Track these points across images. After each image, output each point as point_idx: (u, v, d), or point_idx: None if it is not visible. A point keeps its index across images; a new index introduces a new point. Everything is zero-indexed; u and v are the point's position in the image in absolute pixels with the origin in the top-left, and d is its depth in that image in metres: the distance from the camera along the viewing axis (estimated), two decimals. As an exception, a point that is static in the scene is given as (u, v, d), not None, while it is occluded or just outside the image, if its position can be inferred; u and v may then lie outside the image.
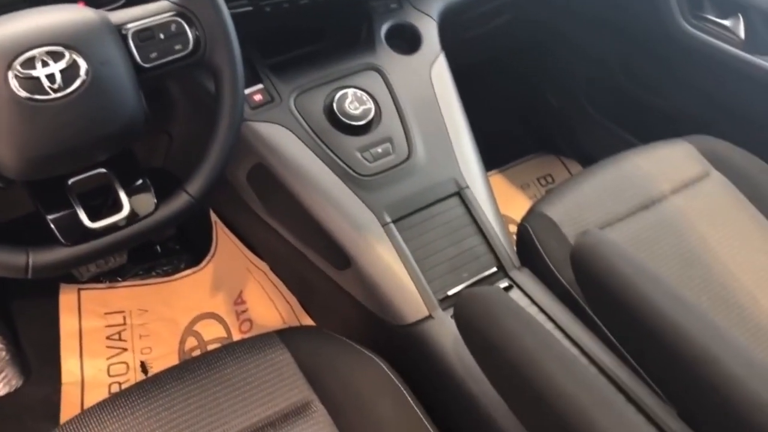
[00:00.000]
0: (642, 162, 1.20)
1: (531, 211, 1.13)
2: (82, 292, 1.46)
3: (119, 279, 1.51)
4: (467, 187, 1.04)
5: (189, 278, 1.52)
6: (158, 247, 1.58)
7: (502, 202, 1.10)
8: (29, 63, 0.67)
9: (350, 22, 1.14)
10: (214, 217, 1.53)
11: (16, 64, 0.67)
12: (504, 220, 1.08)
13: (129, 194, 0.78)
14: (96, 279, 1.49)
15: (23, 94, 0.67)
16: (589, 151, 1.76)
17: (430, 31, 1.16)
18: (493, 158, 1.80)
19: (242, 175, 1.08)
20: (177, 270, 1.54)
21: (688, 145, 1.23)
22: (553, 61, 1.79)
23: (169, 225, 0.79)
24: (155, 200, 0.79)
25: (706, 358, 0.74)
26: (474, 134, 1.11)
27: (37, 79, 0.68)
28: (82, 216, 0.75)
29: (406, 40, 1.14)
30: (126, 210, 0.76)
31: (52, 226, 0.75)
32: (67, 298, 1.45)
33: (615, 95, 1.68)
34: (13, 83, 0.67)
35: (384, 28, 1.14)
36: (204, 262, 1.53)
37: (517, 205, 1.17)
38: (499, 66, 1.87)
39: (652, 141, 1.24)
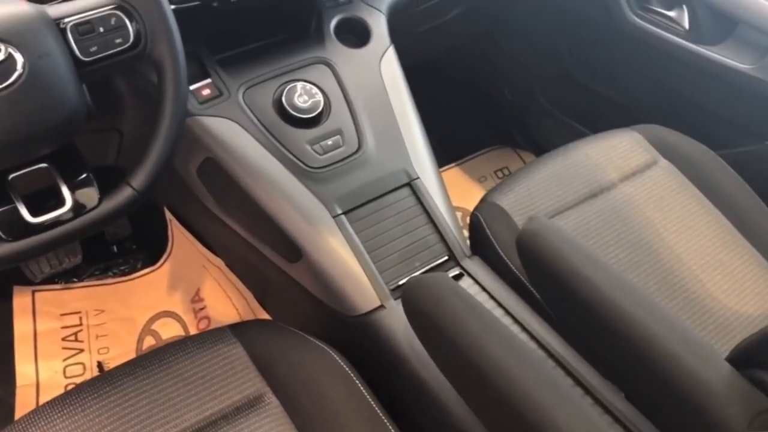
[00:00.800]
0: (591, 151, 1.22)
1: (483, 201, 1.15)
2: (37, 294, 1.44)
3: (75, 280, 1.49)
4: (418, 177, 1.06)
5: (146, 277, 1.51)
6: (114, 247, 1.56)
7: (459, 194, 1.12)
8: None
9: (299, 16, 1.15)
10: (168, 215, 1.52)
11: None
12: (458, 211, 1.09)
13: (72, 189, 0.77)
14: (51, 280, 1.47)
15: None
16: (544, 143, 1.79)
17: (379, 25, 1.17)
18: (450, 151, 1.82)
19: (193, 170, 1.08)
20: (134, 269, 1.53)
21: (636, 134, 1.25)
22: (506, 54, 1.81)
23: (112, 219, 0.79)
24: (99, 195, 0.78)
25: (646, 337, 0.76)
26: (430, 128, 1.12)
27: None
28: (23, 211, 0.74)
29: (356, 34, 1.15)
30: (68, 204, 0.76)
31: None
32: (20, 300, 1.43)
33: (567, 87, 1.70)
34: None
35: (333, 22, 1.14)
36: (161, 261, 1.52)
37: (474, 198, 1.18)
38: (454, 60, 1.88)
39: (603, 130, 1.27)
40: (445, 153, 1.12)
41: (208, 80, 1.03)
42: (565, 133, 1.68)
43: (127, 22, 0.77)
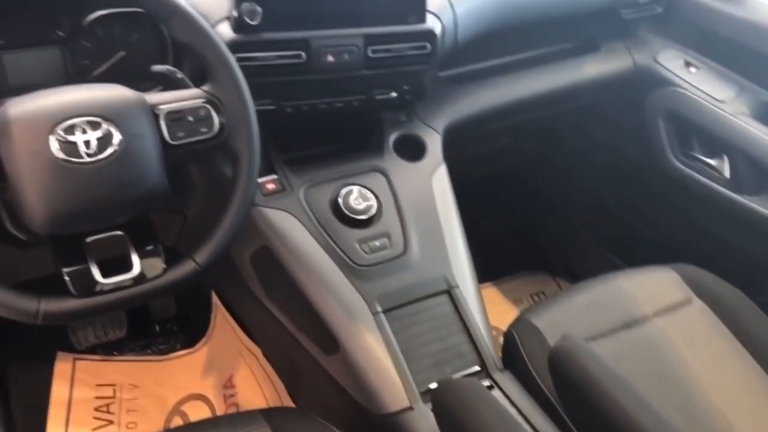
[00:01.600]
0: (627, 284, 1.26)
1: (518, 319, 1.18)
2: (78, 362, 1.49)
3: (115, 353, 1.54)
4: (457, 286, 1.10)
5: (183, 358, 1.55)
6: (157, 326, 1.62)
7: (494, 313, 1.16)
8: (70, 129, 0.76)
9: (362, 128, 1.25)
10: (215, 299, 1.58)
11: (59, 129, 0.76)
12: (492, 326, 1.13)
13: (141, 256, 0.84)
14: (93, 350, 1.53)
15: (61, 156, 0.75)
16: (580, 271, 1.83)
17: (434, 143, 1.26)
18: (487, 270, 1.87)
19: (247, 256, 1.15)
20: (172, 349, 1.58)
21: (672, 272, 1.29)
22: (550, 183, 1.89)
23: (174, 288, 0.85)
24: (164, 265, 0.85)
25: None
26: (469, 244, 1.18)
27: (75, 144, 0.76)
28: (95, 272, 0.81)
29: (412, 149, 1.24)
30: (136, 271, 0.83)
31: (66, 278, 0.81)
32: (62, 366, 1.48)
33: (607, 221, 1.76)
34: (54, 145, 0.75)
35: (392, 137, 1.24)
36: (199, 344, 1.57)
37: (508, 318, 1.22)
38: (499, 183, 1.97)
39: (640, 265, 1.31)
40: (482, 270, 1.17)
41: (274, 176, 1.12)
42: (601, 264, 1.72)
43: (214, 114, 0.86)
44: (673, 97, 1.53)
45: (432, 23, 1.13)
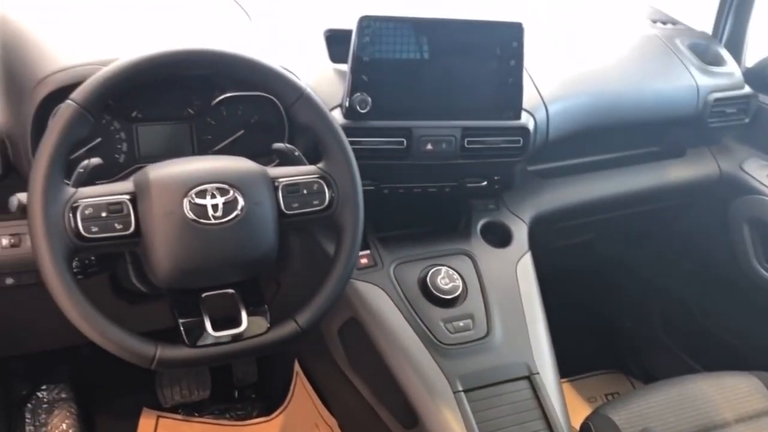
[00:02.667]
0: (708, 387, 1.25)
1: (595, 412, 1.19)
2: (161, 419, 1.56)
3: (195, 414, 1.60)
4: (537, 373, 1.12)
5: (259, 426, 1.60)
6: (236, 392, 1.68)
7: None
8: (202, 193, 0.86)
9: (452, 212, 1.31)
10: (297, 367, 1.63)
11: (192, 193, 0.85)
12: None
13: (249, 314, 0.91)
14: (175, 410, 1.59)
15: (191, 216, 0.85)
16: (656, 373, 1.80)
17: (520, 232, 1.31)
18: (562, 366, 1.86)
19: (335, 326, 1.21)
20: (249, 416, 1.63)
21: (755, 378, 1.27)
22: (630, 282, 1.89)
23: (276, 347, 0.91)
24: (268, 324, 0.92)
25: None
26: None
27: (205, 206, 0.85)
28: (208, 325, 0.88)
29: (499, 236, 1.29)
30: (243, 327, 0.90)
31: (182, 328, 0.88)
32: (146, 421, 1.55)
33: (688, 325, 1.75)
34: (186, 207, 0.85)
35: (480, 223, 1.29)
36: (276, 413, 1.61)
37: (581, 416, 1.23)
38: (580, 278, 1.98)
39: (716, 370, 1.30)
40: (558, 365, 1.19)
41: (368, 251, 1.19)
42: (679, 367, 1.70)
43: (326, 189, 0.95)
44: (759, 205, 1.55)
45: (526, 120, 1.21)
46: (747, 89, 1.57)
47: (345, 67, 1.12)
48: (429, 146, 1.15)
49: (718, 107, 1.51)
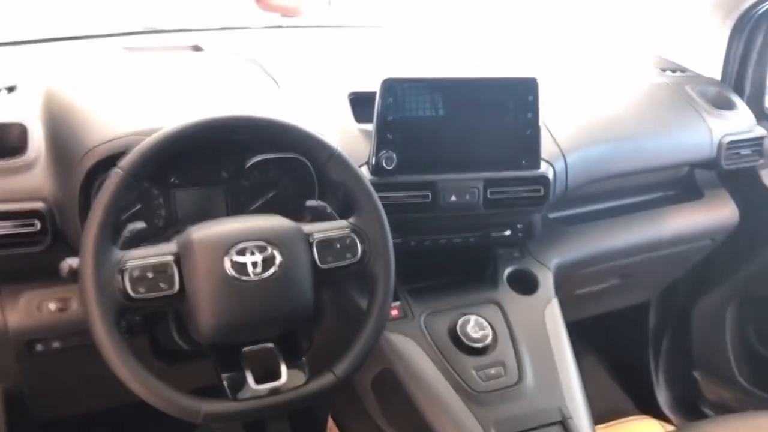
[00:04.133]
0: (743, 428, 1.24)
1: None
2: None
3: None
4: (571, 418, 1.14)
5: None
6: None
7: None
8: (242, 251, 0.90)
9: (479, 262, 1.34)
10: (330, 423, 1.64)
11: (233, 251, 0.90)
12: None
13: (288, 367, 0.94)
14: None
15: (232, 273, 0.89)
16: (692, 416, 1.79)
17: (546, 278, 1.34)
18: (592, 412, 1.86)
19: (368, 379, 1.23)
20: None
21: None
22: (658, 325, 1.90)
23: (315, 398, 0.94)
24: (307, 376, 0.95)
25: None
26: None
27: (245, 264, 0.89)
28: (250, 378, 0.92)
29: (525, 283, 1.32)
30: (283, 380, 0.93)
31: (225, 383, 0.92)
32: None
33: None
34: (227, 264, 0.89)
35: (506, 272, 1.32)
36: (310, 470, 1.62)
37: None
38: (609, 321, 1.99)
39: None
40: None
41: (398, 303, 1.22)
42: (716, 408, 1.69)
43: (358, 242, 0.99)
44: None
45: (545, 169, 1.25)
46: (760, 131, 1.61)
47: (370, 127, 1.17)
48: (453, 198, 1.19)
49: (733, 149, 1.54)
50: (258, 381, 0.92)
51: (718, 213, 1.65)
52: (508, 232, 1.31)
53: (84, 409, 1.42)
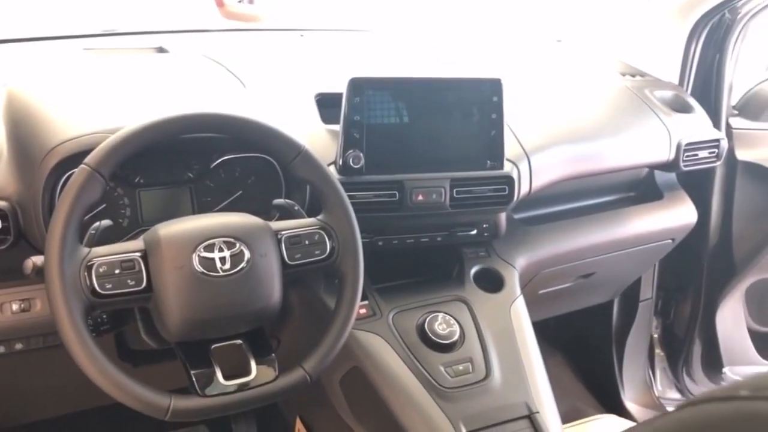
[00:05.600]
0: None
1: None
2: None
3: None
4: (537, 412, 1.15)
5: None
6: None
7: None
8: (210, 247, 0.90)
9: (445, 261, 1.36)
10: (299, 424, 1.63)
11: (201, 247, 0.90)
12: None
13: (257, 363, 0.94)
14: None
15: (200, 269, 0.89)
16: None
17: (511, 277, 1.35)
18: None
19: (337, 377, 1.23)
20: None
21: None
22: (622, 331, 1.94)
23: (285, 394, 0.94)
24: (276, 372, 0.95)
25: None
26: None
27: (213, 260, 0.89)
28: (219, 375, 0.91)
29: (491, 282, 1.33)
30: (252, 375, 0.93)
31: (194, 379, 0.91)
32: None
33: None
34: (195, 261, 0.89)
35: (473, 270, 1.34)
36: (278, 472, 1.61)
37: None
38: (567, 326, 2.02)
39: None
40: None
41: (366, 302, 1.22)
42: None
43: (327, 239, 0.99)
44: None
45: (510, 169, 1.27)
46: (716, 133, 1.66)
47: (336, 128, 1.18)
48: (420, 197, 1.20)
49: (690, 151, 1.59)
50: (227, 377, 0.92)
51: (677, 213, 1.69)
52: (474, 232, 1.33)
53: (47, 414, 1.39)
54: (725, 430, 0.20)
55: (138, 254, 0.89)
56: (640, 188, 1.72)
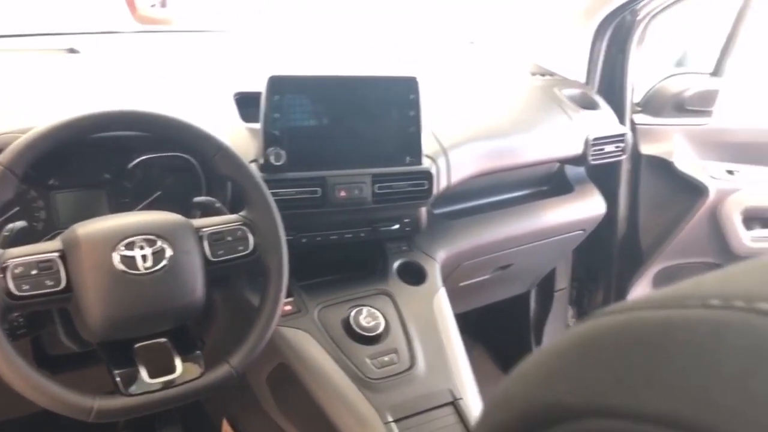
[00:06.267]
0: None
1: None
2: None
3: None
4: (461, 398, 1.19)
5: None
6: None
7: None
8: (130, 245, 0.89)
9: (369, 257, 1.38)
10: (226, 426, 1.62)
11: (121, 245, 0.89)
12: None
13: (183, 360, 0.94)
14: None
15: (121, 267, 0.88)
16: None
17: (433, 270, 1.39)
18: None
19: (263, 375, 1.24)
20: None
21: None
22: (539, 321, 2.02)
23: (210, 391, 0.94)
24: (202, 369, 0.95)
25: None
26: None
27: (134, 258, 0.89)
28: (143, 373, 0.90)
29: (413, 275, 1.37)
30: (178, 372, 0.92)
31: (117, 379, 0.90)
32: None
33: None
34: (116, 259, 0.88)
35: (396, 264, 1.37)
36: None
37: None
38: (487, 318, 2.09)
39: None
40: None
41: (291, 299, 1.23)
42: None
43: (250, 235, 1.00)
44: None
45: (428, 165, 1.31)
46: (621, 128, 1.75)
47: (257, 126, 1.19)
48: (343, 193, 1.22)
49: (597, 146, 1.67)
50: (153, 376, 0.91)
51: (587, 205, 1.78)
52: (396, 227, 1.36)
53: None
54: (616, 337, 0.23)
55: (56, 254, 0.87)
56: (552, 182, 1.79)
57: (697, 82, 1.93)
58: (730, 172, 1.89)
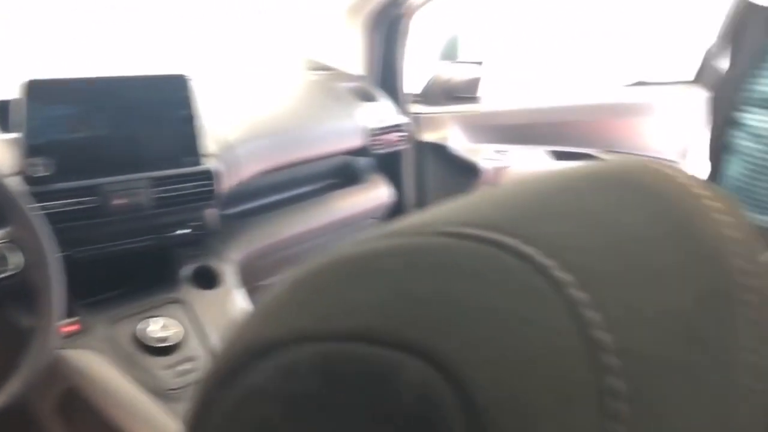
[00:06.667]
0: None
1: None
2: None
3: None
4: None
5: None
6: None
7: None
8: None
9: (159, 265, 1.32)
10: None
11: None
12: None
13: None
14: None
15: None
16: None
17: (228, 272, 1.37)
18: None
19: (51, 404, 1.14)
20: None
21: None
22: None
23: None
24: None
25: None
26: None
27: None
28: None
29: (208, 279, 1.34)
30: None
31: None
32: None
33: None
34: None
35: (187, 270, 1.33)
36: None
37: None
38: None
39: None
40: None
41: (76, 318, 1.15)
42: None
43: (10, 254, 0.91)
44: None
45: (210, 164, 1.28)
46: (400, 118, 1.84)
47: (17, 136, 1.09)
48: (119, 201, 1.16)
49: (377, 136, 1.74)
50: None
51: (375, 194, 1.84)
52: (183, 231, 1.31)
53: None
54: (343, 267, 0.23)
55: None
56: (342, 175, 1.84)
57: (461, 71, 2.08)
58: (500, 152, 2.05)
